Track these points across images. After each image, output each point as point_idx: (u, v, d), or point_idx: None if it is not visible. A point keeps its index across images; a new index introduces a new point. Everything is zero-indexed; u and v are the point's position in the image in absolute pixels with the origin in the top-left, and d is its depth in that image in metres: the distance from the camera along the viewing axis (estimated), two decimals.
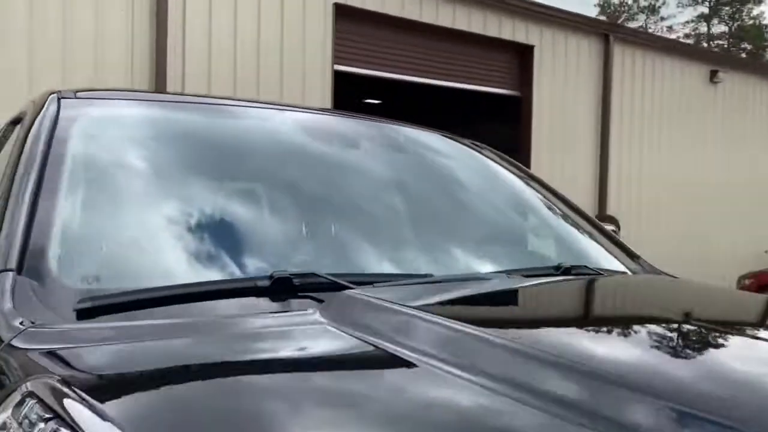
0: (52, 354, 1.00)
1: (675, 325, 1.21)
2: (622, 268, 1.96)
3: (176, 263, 1.36)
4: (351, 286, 1.29)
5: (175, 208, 1.51)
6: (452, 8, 9.33)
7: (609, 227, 2.63)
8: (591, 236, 2.25)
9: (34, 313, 1.12)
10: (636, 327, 1.18)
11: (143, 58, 7.07)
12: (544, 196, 2.35)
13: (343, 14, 8.45)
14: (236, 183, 1.66)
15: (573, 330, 1.16)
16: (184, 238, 1.43)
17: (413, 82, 9.48)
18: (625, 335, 1.12)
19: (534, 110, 10.12)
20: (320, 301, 1.22)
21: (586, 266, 1.75)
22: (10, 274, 1.19)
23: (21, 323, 1.06)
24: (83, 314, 1.15)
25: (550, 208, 2.36)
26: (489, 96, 10.21)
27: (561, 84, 10.44)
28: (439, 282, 1.44)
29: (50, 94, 1.76)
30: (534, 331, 1.15)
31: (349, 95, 15.17)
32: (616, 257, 2.15)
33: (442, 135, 2.48)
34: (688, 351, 1.03)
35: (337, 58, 8.42)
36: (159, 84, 7.07)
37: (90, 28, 6.74)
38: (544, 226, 2.21)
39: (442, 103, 11.24)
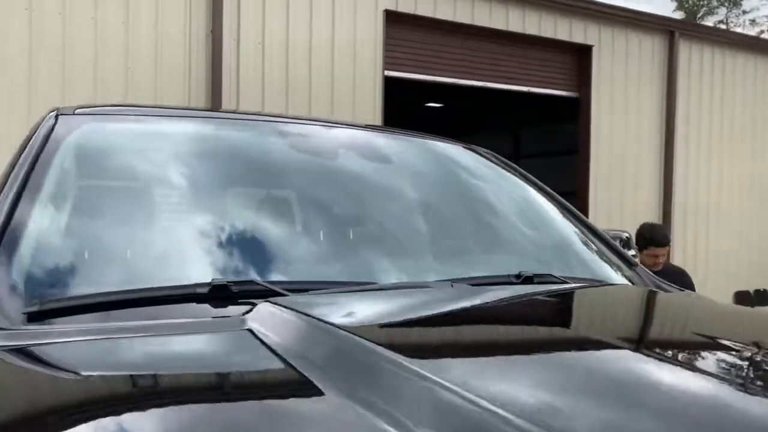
0: None
1: (593, 346, 1.13)
2: (609, 277, 1.90)
3: (129, 271, 1.41)
4: (284, 293, 1.30)
5: (136, 219, 1.57)
6: (505, 10, 9.21)
7: (616, 237, 2.55)
8: (586, 244, 2.19)
9: None
10: (545, 349, 1.12)
11: (199, 66, 7.32)
12: (540, 204, 2.30)
13: (393, 20, 8.48)
14: (204, 193, 1.70)
15: (469, 350, 1.11)
16: (140, 248, 1.48)
17: (466, 85, 9.40)
18: (530, 359, 1.07)
19: (593, 112, 9.85)
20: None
21: (551, 275, 1.68)
22: None
23: None
24: (32, 317, 1.22)
25: (542, 216, 2.30)
26: (546, 98, 10.01)
27: (622, 85, 10.11)
28: (376, 290, 1.43)
29: (51, 111, 1.87)
30: (429, 350, 1.12)
31: (411, 100, 15.25)
32: (611, 266, 2.09)
33: (446, 142, 2.47)
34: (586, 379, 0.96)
35: (387, 64, 8.45)
36: (215, 91, 7.30)
37: (150, 33, 7.05)
38: (532, 233, 2.16)
39: (498, 106, 11.11)
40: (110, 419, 0.81)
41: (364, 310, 1.26)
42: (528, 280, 1.63)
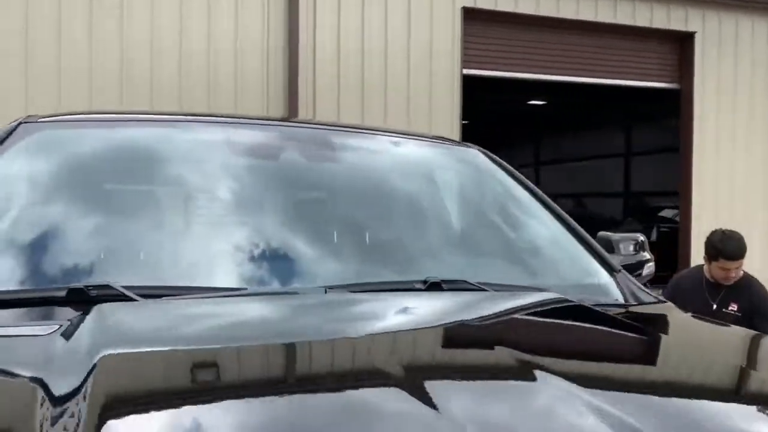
0: None
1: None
2: (575, 281, 1.79)
3: (14, 271, 1.49)
4: (136, 298, 1.32)
5: (34, 220, 1.64)
6: (594, 1, 8.75)
7: (631, 240, 2.39)
8: (559, 248, 2.05)
9: None
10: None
11: (277, 74, 7.59)
12: (522, 207, 2.17)
13: (472, 17, 8.33)
14: (98, 195, 1.75)
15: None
16: (28, 249, 1.56)
17: (552, 81, 9.05)
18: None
19: (696, 105, 9.12)
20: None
21: (465, 281, 1.57)
22: None
23: None
24: None
25: (516, 219, 2.17)
26: (643, 91, 9.41)
27: (730, 74, 9.27)
28: (233, 296, 1.40)
29: (16, 120, 2.02)
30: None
31: (512, 98, 14.87)
32: (584, 270, 1.95)
33: (427, 141, 2.41)
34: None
35: (466, 62, 8.31)
36: (291, 98, 7.53)
37: (230, 46, 7.40)
38: (495, 237, 2.04)
39: (594, 100, 10.58)
40: None
41: (182, 320, 1.24)
42: (434, 286, 1.53)
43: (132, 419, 0.83)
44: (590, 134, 16.28)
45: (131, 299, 1.31)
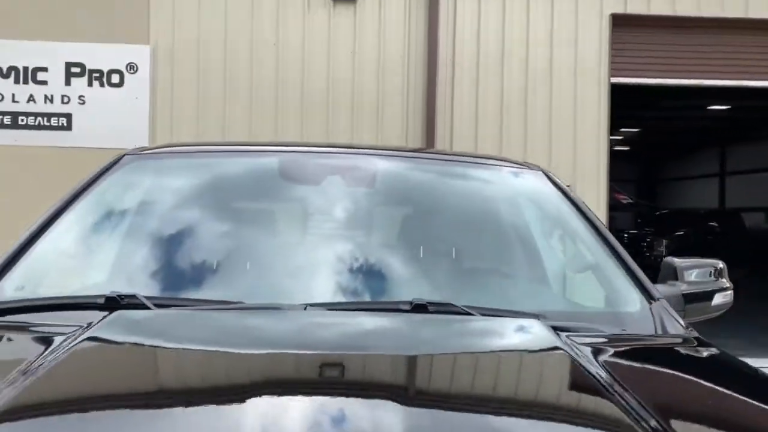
0: None
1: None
2: (596, 307, 1.78)
3: (74, 279, 1.81)
4: (151, 307, 1.56)
5: (132, 243, 1.97)
6: None
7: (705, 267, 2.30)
8: (595, 274, 2.03)
9: None
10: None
11: (416, 96, 7.85)
12: (579, 235, 2.17)
13: (621, 23, 7.97)
14: (201, 218, 2.03)
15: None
16: (88, 262, 1.89)
17: (721, 86, 8.37)
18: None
19: None
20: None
21: (452, 304, 1.62)
22: None
23: None
24: None
25: (561, 244, 2.17)
26: None
27: None
28: (225, 309, 1.59)
29: (125, 152, 2.42)
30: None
31: (688, 105, 13.87)
32: (624, 301, 1.92)
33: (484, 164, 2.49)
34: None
35: (614, 70, 7.97)
36: (429, 122, 7.75)
37: (373, 63, 7.80)
38: (524, 262, 2.06)
39: None
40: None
41: (171, 325, 1.45)
42: (420, 308, 1.61)
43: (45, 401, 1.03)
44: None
45: (147, 308, 1.56)
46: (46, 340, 1.35)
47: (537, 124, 7.92)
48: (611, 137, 21.11)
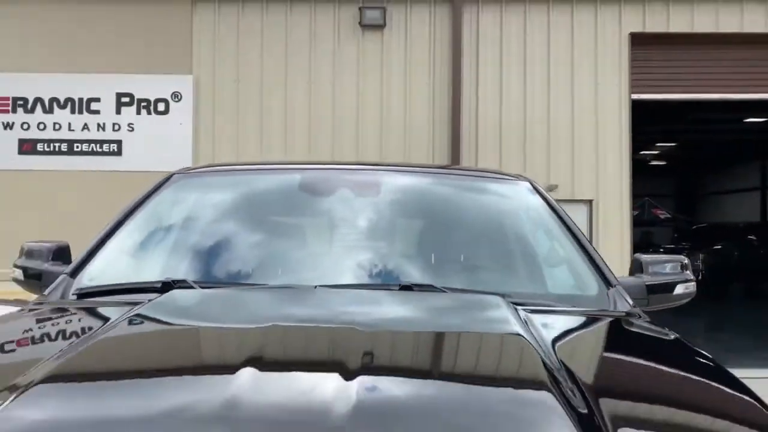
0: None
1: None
2: (560, 290, 2.14)
3: (140, 270, 2.22)
4: (196, 287, 1.95)
5: (157, 241, 2.39)
6: None
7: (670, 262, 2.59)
8: (561, 263, 2.37)
9: (65, 294, 2.13)
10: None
11: (442, 126, 8.24)
12: (553, 233, 2.51)
13: (640, 42, 8.23)
14: (238, 223, 2.45)
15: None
16: (149, 258, 2.30)
17: (740, 100, 8.53)
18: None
19: None
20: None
21: (432, 286, 1.97)
22: (66, 277, 2.23)
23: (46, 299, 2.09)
24: (80, 296, 2.10)
25: (539, 240, 2.51)
26: None
27: None
28: (250, 289, 1.97)
29: (175, 171, 2.85)
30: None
31: (725, 118, 13.89)
32: (586, 286, 2.24)
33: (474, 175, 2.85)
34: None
35: (634, 87, 8.22)
36: (454, 134, 8.11)
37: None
38: (499, 252, 2.42)
39: None
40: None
41: (206, 309, 1.83)
42: (406, 288, 1.97)
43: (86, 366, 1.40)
44: None
45: (189, 287, 1.95)
46: (117, 313, 1.74)
47: (560, 142, 8.20)
48: (646, 152, 20.88)
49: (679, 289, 2.47)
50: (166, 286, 1.97)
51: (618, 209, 8.18)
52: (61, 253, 2.40)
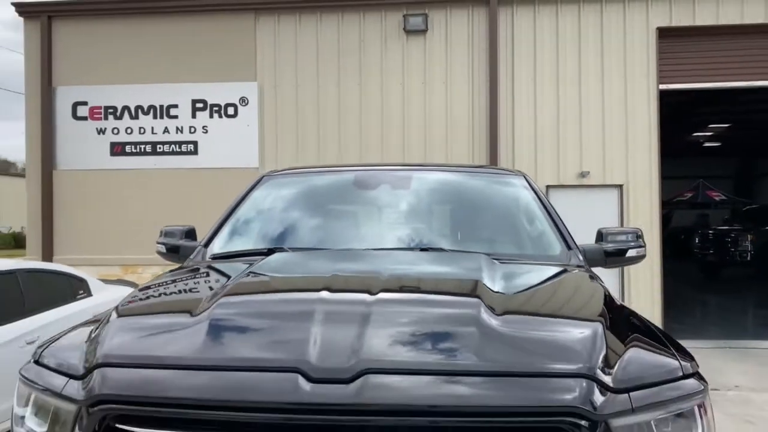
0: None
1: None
2: (535, 251, 3.02)
3: (252, 242, 3.16)
4: (287, 250, 2.89)
5: (264, 222, 3.34)
6: None
7: (626, 233, 3.38)
8: (538, 232, 3.21)
9: (204, 258, 3.10)
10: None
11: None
12: (533, 213, 3.35)
13: (667, 35, 8.77)
14: (294, 212, 3.38)
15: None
16: (259, 233, 3.24)
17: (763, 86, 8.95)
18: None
19: None
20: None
21: (441, 248, 2.87)
22: (201, 248, 3.22)
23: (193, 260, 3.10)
24: (215, 258, 3.05)
25: (523, 217, 3.35)
26: None
27: None
28: (333, 251, 2.87)
29: (264, 173, 3.83)
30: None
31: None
32: (551, 245, 3.08)
33: (482, 171, 3.73)
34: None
35: (662, 78, 8.77)
36: (492, 136, 8.88)
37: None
38: (497, 225, 3.28)
39: None
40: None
41: (297, 263, 2.74)
42: (424, 249, 2.87)
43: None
44: None
45: (284, 251, 2.87)
46: (244, 266, 2.65)
47: (591, 131, 8.85)
48: (700, 134, 20.74)
49: (631, 253, 3.26)
50: (270, 252, 2.90)
51: (647, 193, 8.77)
52: (190, 233, 3.41)
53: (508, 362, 1.64)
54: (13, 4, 9.54)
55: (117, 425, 1.58)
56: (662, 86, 8.78)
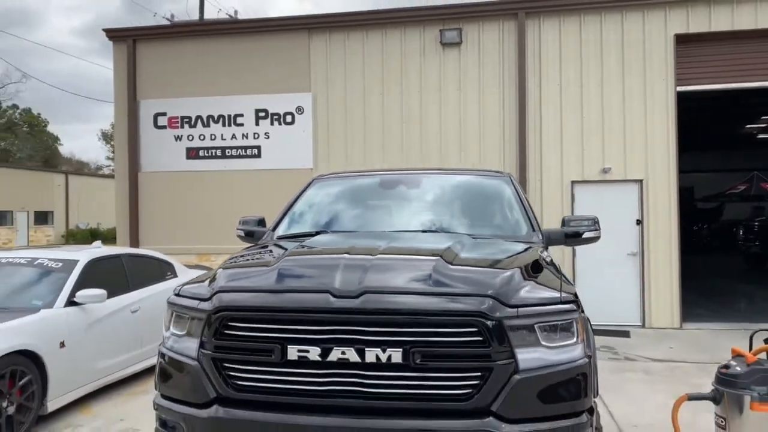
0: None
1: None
2: (510, 233, 4.05)
3: (307, 227, 4.31)
4: (328, 232, 4.05)
5: (316, 213, 4.50)
6: None
7: (584, 219, 4.37)
8: (514, 219, 4.25)
9: (271, 239, 4.32)
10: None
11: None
12: (511, 204, 4.40)
13: (684, 41, 9.46)
14: (340, 206, 4.53)
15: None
16: (311, 221, 4.40)
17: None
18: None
19: None
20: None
21: (443, 230, 3.96)
22: (270, 232, 4.45)
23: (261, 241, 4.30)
24: (279, 239, 4.23)
25: (503, 209, 4.40)
26: None
27: None
28: (365, 234, 3.99)
29: (315, 176, 5.03)
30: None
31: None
32: (521, 229, 4.12)
33: (474, 173, 4.81)
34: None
35: (679, 80, 9.47)
36: (521, 137, 9.80)
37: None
38: (485, 214, 4.33)
39: None
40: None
41: (333, 240, 3.88)
42: (425, 231, 3.97)
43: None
44: None
45: (326, 233, 4.02)
46: (297, 243, 3.79)
47: (613, 131, 9.64)
48: (753, 125, 20.78)
49: (587, 234, 4.26)
50: (316, 233, 4.06)
51: (666, 187, 9.51)
52: (261, 222, 4.64)
53: (446, 287, 2.74)
54: (105, 30, 11.07)
55: (229, 323, 2.78)
56: (680, 88, 9.48)
